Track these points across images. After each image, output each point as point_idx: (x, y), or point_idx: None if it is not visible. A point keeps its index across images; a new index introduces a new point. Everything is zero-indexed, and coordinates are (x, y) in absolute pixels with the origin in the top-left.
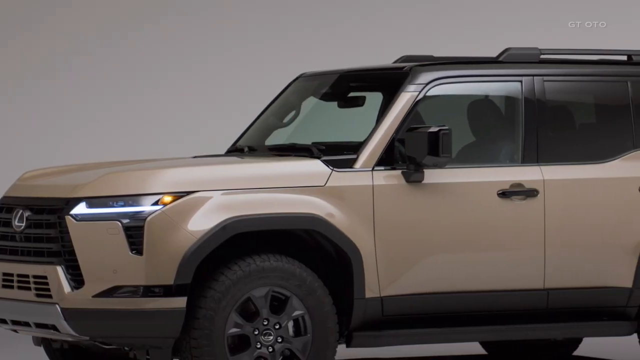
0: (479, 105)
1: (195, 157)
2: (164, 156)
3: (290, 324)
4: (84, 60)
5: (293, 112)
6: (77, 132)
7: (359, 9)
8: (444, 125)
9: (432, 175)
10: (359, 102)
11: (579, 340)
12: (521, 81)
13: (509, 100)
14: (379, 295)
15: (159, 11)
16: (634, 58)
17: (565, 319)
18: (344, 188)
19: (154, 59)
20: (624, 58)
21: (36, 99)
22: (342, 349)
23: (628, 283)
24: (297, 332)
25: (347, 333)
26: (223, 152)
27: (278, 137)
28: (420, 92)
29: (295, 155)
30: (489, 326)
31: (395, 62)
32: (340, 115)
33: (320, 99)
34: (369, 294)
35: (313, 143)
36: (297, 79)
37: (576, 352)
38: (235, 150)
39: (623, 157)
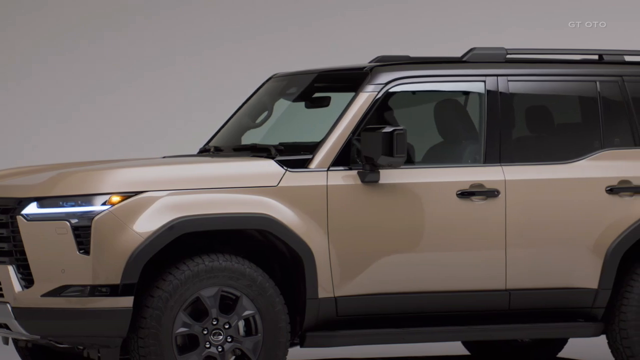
0: (441, 106)
1: (165, 157)
2: (138, 156)
3: (241, 324)
4: (54, 61)
5: (266, 113)
6: (47, 132)
7: (339, 8)
8: (398, 126)
9: (389, 176)
10: (324, 102)
11: (564, 341)
12: (484, 81)
13: (472, 100)
14: (332, 296)
15: (135, 10)
16: (605, 58)
17: (529, 319)
18: (298, 188)
19: (128, 59)
20: (596, 57)
21: (3, 100)
22: (305, 350)
23: (594, 284)
24: (249, 331)
25: (301, 333)
26: (196, 152)
27: (251, 137)
28: (379, 92)
29: (251, 156)
30: (448, 327)
31: (370, 62)
32: (309, 116)
33: (290, 99)
34: (322, 294)
35: (281, 143)
36: (269, 79)
37: (561, 354)
38: (205, 151)
39: (590, 158)
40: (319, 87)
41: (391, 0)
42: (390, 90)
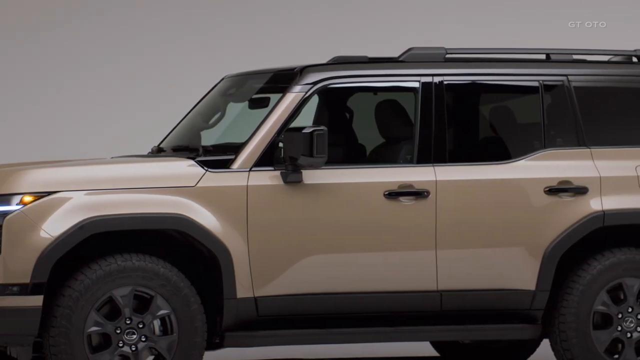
0: (374, 105)
1: (113, 157)
2: (89, 156)
3: (157, 323)
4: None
5: (218, 114)
6: None
7: (301, 6)
8: (319, 126)
9: (313, 176)
10: (263, 103)
11: (537, 344)
12: (419, 81)
13: (407, 100)
14: (252, 296)
15: (83, 10)
16: (553, 57)
17: (464, 321)
18: (217, 188)
19: (77, 58)
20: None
21: None
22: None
23: (531, 286)
24: (165, 331)
25: (220, 333)
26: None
27: (204, 139)
28: (306, 92)
29: (172, 156)
30: (377, 328)
31: (327, 62)
32: (255, 117)
33: (237, 100)
34: (241, 294)
35: (219, 144)
36: (222, 80)
37: (532, 357)
38: (151, 152)
39: (530, 158)
40: (260, 88)
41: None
42: (319, 90)
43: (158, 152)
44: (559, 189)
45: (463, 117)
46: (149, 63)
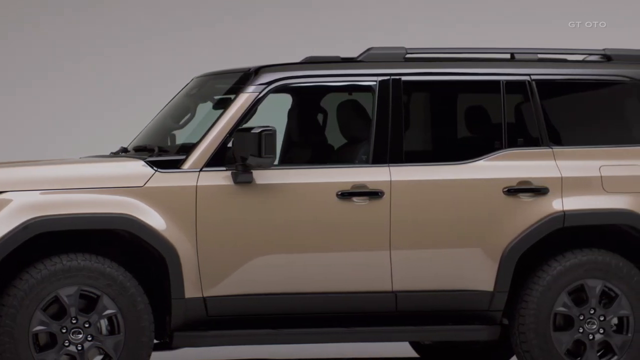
0: (331, 105)
1: (81, 158)
2: (55, 157)
3: (104, 323)
4: None
5: (189, 115)
6: None
7: (279, 5)
8: (268, 126)
9: (264, 176)
10: (226, 104)
11: None
12: (376, 81)
13: (364, 100)
14: (201, 296)
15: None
16: (517, 56)
17: (422, 322)
18: (165, 189)
19: (42, 56)
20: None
21: None
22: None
23: (489, 286)
24: (112, 331)
25: (169, 333)
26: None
27: (173, 139)
28: (260, 92)
29: (126, 157)
30: (330, 328)
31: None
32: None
33: (206, 100)
34: (189, 294)
35: (185, 144)
36: (192, 80)
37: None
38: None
39: (489, 158)
40: (224, 88)
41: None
42: (273, 90)
43: (121, 152)
44: (518, 189)
45: (421, 117)
46: (122, 63)
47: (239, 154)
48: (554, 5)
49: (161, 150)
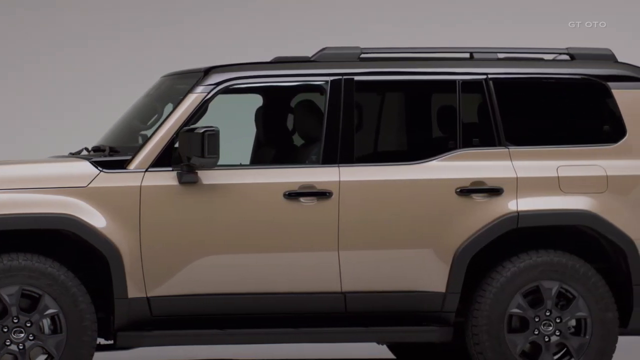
0: (279, 106)
1: (52, 157)
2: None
3: (47, 322)
4: None
5: (156, 115)
6: None
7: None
8: (212, 126)
9: (210, 177)
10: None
11: None
12: (328, 81)
13: (316, 100)
14: (145, 296)
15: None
16: (476, 56)
17: (373, 323)
18: (109, 189)
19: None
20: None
21: None
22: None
23: (441, 288)
24: (55, 330)
25: (113, 332)
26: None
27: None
28: (208, 93)
29: (70, 157)
30: (278, 329)
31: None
32: None
33: (170, 100)
34: (133, 293)
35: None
36: (159, 79)
37: None
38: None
39: (443, 158)
40: (185, 88)
41: None
42: (222, 91)
43: (78, 153)
44: (471, 189)
45: (375, 117)
46: (87, 61)
47: (183, 154)
48: (554, 5)
49: (112, 151)
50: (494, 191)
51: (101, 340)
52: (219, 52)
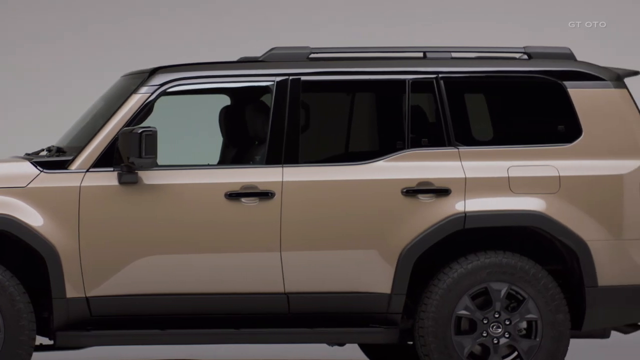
0: (226, 107)
1: (13, 157)
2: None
3: None
4: None
5: None
6: None
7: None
8: (149, 127)
9: (151, 177)
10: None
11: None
12: (274, 81)
13: (260, 100)
14: (84, 296)
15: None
16: (429, 55)
17: (318, 324)
18: (49, 189)
19: None
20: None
21: None
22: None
23: (387, 289)
24: None
25: (52, 332)
26: None
27: None
28: (152, 94)
29: (13, 158)
30: (219, 329)
31: (238, 60)
32: None
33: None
34: (71, 293)
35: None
36: (119, 79)
37: None
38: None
39: (390, 158)
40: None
41: None
42: (166, 92)
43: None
44: (418, 190)
45: (323, 117)
46: (50, 60)
47: (124, 154)
48: (554, 5)
49: (59, 151)
50: (441, 192)
51: (43, 341)
52: (188, 51)
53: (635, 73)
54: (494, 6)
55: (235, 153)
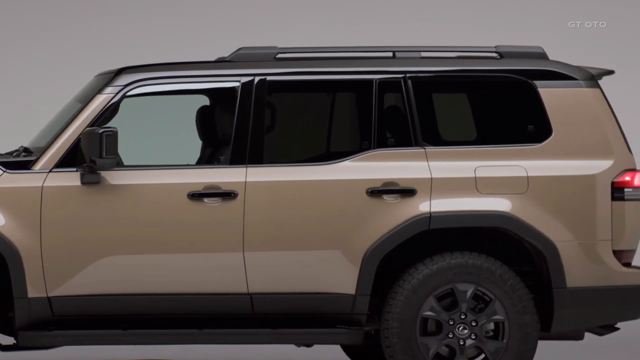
0: (192, 107)
1: None
2: None
3: None
4: None
5: None
6: None
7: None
8: (110, 127)
9: (114, 177)
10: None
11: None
12: (239, 82)
13: (228, 100)
14: (45, 296)
15: None
16: (398, 55)
17: (283, 324)
18: (10, 189)
19: None
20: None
21: None
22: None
23: (351, 289)
24: None
25: (14, 332)
26: None
27: None
28: (116, 94)
29: None
30: (182, 329)
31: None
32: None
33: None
34: (33, 293)
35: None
36: (93, 77)
37: None
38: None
39: (355, 159)
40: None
41: None
42: (130, 92)
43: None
44: (382, 190)
45: (289, 117)
46: (28, 57)
47: (86, 154)
48: (554, 5)
49: (26, 152)
50: (407, 192)
51: (4, 341)
52: (168, 50)
53: (610, 72)
54: (484, 9)
55: (203, 154)
